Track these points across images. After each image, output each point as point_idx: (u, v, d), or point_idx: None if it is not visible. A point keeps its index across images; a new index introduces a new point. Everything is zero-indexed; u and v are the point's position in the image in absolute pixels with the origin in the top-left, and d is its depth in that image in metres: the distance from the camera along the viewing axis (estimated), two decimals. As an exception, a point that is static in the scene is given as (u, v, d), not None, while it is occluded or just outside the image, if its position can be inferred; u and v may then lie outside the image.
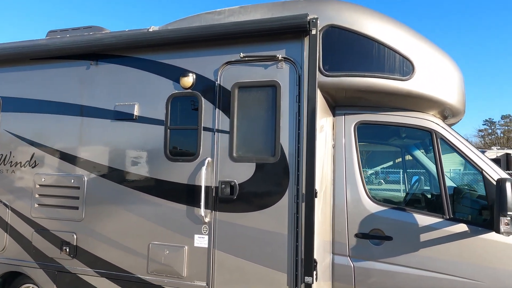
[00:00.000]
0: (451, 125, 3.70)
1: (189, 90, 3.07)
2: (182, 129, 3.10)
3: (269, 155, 2.84)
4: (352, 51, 2.83)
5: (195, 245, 2.94)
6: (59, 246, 3.30)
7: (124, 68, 3.29)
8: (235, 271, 2.84)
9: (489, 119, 47.04)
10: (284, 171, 2.79)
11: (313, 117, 2.73)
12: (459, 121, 3.64)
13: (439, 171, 2.83)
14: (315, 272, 2.66)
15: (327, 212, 2.96)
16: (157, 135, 3.12)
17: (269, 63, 2.89)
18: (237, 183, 2.88)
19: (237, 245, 2.85)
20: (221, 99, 2.99)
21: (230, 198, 2.88)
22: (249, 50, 2.94)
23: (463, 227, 2.71)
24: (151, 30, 3.27)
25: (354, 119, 3.08)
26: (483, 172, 2.77)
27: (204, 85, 3.05)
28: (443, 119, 3.23)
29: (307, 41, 2.81)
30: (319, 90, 2.82)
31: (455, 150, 2.87)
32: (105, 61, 3.37)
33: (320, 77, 2.82)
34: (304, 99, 2.78)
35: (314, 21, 2.78)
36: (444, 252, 2.71)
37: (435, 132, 2.91)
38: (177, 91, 3.11)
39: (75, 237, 3.27)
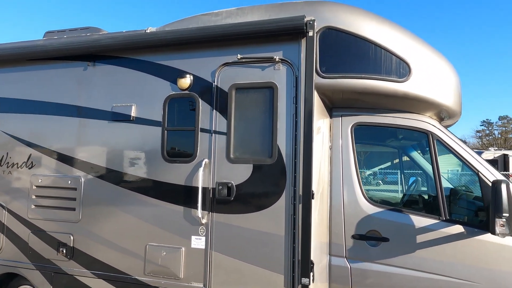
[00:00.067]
0: (448, 127, 3.72)
1: (187, 91, 3.07)
2: (179, 130, 3.10)
3: (266, 157, 2.84)
4: (349, 52, 2.84)
5: (192, 246, 2.94)
6: (55, 247, 3.30)
7: (121, 69, 3.29)
8: (232, 273, 2.85)
9: (486, 120, 47.25)
10: (281, 173, 2.79)
11: (310, 118, 2.74)
12: (455, 123, 3.66)
13: (436, 172, 2.84)
14: (312, 273, 2.66)
15: (324, 213, 2.96)
16: (154, 136, 3.12)
17: (266, 64, 2.90)
18: (234, 185, 2.88)
19: (234, 246, 2.85)
20: (219, 100, 2.99)
21: (227, 199, 2.89)
22: (247, 51, 2.94)
23: (459, 229, 2.72)
24: (148, 31, 3.27)
25: (351, 121, 3.09)
26: (479, 173, 2.79)
27: (201, 86, 3.05)
28: (439, 121, 3.24)
29: (304, 42, 2.82)
30: (316, 91, 2.83)
31: (451, 151, 2.88)
32: (102, 62, 3.36)
33: (317, 79, 2.82)
34: (301, 101, 2.78)
35: (311, 23, 2.79)
36: (440, 253, 2.72)
37: (432, 133, 2.92)
38: (174, 92, 3.11)
39: (72, 238, 3.26)
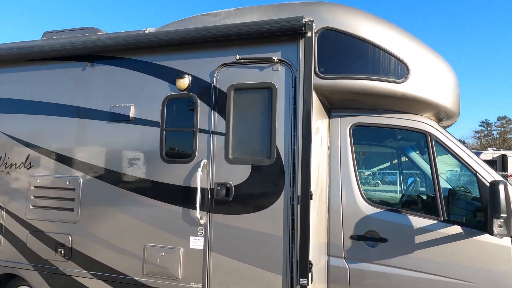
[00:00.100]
0: (446, 127, 3.72)
1: (185, 92, 3.07)
2: (178, 130, 3.10)
3: (264, 157, 2.84)
4: (347, 53, 2.84)
5: (191, 247, 2.94)
6: (54, 248, 3.29)
7: (120, 69, 3.29)
8: (230, 273, 2.85)
9: (485, 120, 47.28)
10: (279, 173, 2.79)
11: (308, 119, 2.74)
12: (454, 123, 3.67)
13: (434, 173, 2.85)
14: (310, 274, 2.66)
15: (323, 214, 2.96)
16: (153, 136, 3.12)
17: (265, 65, 2.90)
18: (233, 185, 2.88)
19: (232, 247, 2.85)
20: (217, 101, 2.99)
21: (225, 200, 2.89)
22: (245, 52, 2.94)
23: (457, 229, 2.73)
24: (147, 31, 3.27)
25: (349, 121, 3.09)
26: (477, 174, 2.79)
27: (200, 87, 3.05)
28: (438, 122, 3.25)
29: (302, 43, 2.82)
30: (315, 92, 2.83)
31: (449, 152, 2.89)
32: (101, 63, 3.36)
33: (315, 79, 2.83)
34: (299, 101, 2.79)
35: (309, 23, 2.79)
36: (438, 253, 2.73)
37: (430, 134, 2.93)
38: (173, 93, 3.11)
39: (70, 239, 3.26)
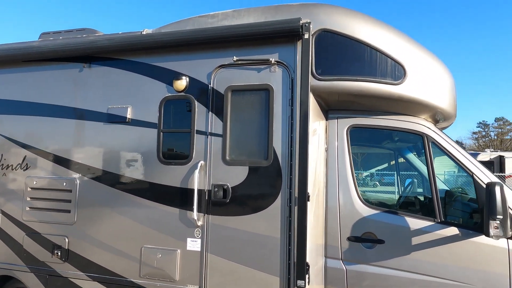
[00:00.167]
0: (443, 129, 3.73)
1: (182, 93, 3.07)
2: (175, 132, 3.10)
3: (262, 159, 2.84)
4: (344, 55, 2.85)
5: (188, 248, 2.93)
6: (50, 249, 3.28)
7: (117, 70, 3.29)
8: (227, 275, 2.84)
9: (483, 121, 47.41)
10: (276, 175, 2.79)
11: (305, 120, 2.75)
12: (451, 125, 3.68)
13: (431, 174, 2.85)
14: (307, 275, 2.66)
15: (320, 215, 2.96)
16: (150, 138, 3.12)
17: (262, 66, 2.90)
18: (230, 187, 2.88)
19: (229, 248, 2.85)
20: (214, 102, 2.99)
21: (223, 201, 2.88)
22: (242, 53, 2.94)
23: (454, 231, 2.73)
24: (144, 33, 3.27)
25: (346, 123, 3.10)
26: (474, 175, 2.80)
27: (197, 88, 3.05)
28: (434, 123, 3.26)
29: (299, 45, 2.82)
30: (312, 93, 2.83)
31: (446, 154, 2.89)
32: (98, 64, 3.35)
33: (312, 81, 2.83)
34: (296, 103, 2.79)
35: (306, 25, 2.79)
36: (435, 255, 2.73)
37: (427, 136, 2.93)
38: (170, 94, 3.10)
39: (67, 240, 3.25)
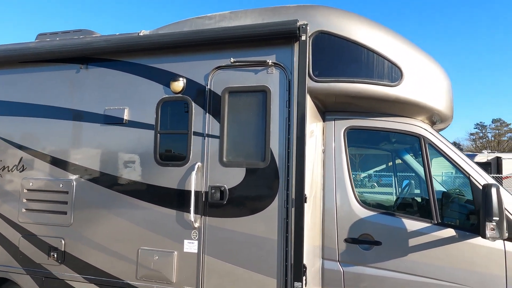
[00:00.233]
0: (440, 130, 3.74)
1: (180, 94, 3.07)
2: (172, 133, 3.09)
3: (259, 160, 2.84)
4: (341, 57, 2.85)
5: (185, 250, 2.92)
6: (46, 251, 3.26)
7: (114, 72, 3.28)
8: (224, 277, 2.83)
9: (480, 123, 47.70)
10: (274, 176, 2.79)
11: (303, 122, 2.75)
12: (447, 126, 3.69)
13: (427, 176, 2.86)
14: (304, 277, 2.65)
15: (317, 217, 2.96)
16: (147, 139, 3.11)
17: (260, 68, 2.90)
18: (227, 188, 2.87)
19: (226, 250, 2.84)
20: (212, 103, 2.99)
21: (220, 203, 2.88)
22: (240, 55, 2.94)
23: (450, 232, 2.74)
24: (141, 34, 3.26)
25: (344, 124, 3.10)
26: (470, 177, 2.81)
27: (194, 89, 3.05)
28: (431, 125, 3.27)
29: (297, 46, 2.82)
30: (309, 95, 2.84)
31: (443, 155, 2.90)
32: (95, 65, 3.35)
33: (309, 83, 2.83)
34: (294, 104, 2.79)
35: (304, 27, 2.80)
36: (432, 256, 2.73)
37: (423, 137, 2.94)
38: (167, 96, 3.10)
39: (63, 242, 3.23)
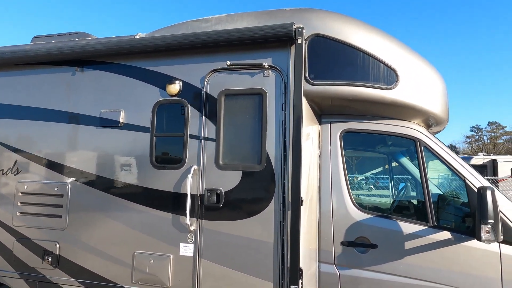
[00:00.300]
0: (436, 133, 3.76)
1: (176, 97, 3.06)
2: (168, 136, 3.08)
3: (255, 163, 2.84)
4: (337, 60, 2.86)
5: (181, 254, 2.91)
6: (41, 255, 3.23)
7: (110, 74, 3.27)
8: (220, 280, 2.82)
9: (476, 125, 47.97)
10: (270, 179, 2.79)
11: (299, 125, 2.75)
12: (443, 129, 3.70)
13: (423, 179, 2.86)
14: (300, 280, 2.65)
15: (313, 220, 2.96)
16: (143, 142, 3.10)
17: (256, 71, 2.91)
18: (223, 191, 2.86)
19: (222, 253, 2.83)
20: (208, 106, 2.99)
21: (216, 206, 2.87)
22: (236, 58, 2.95)
23: (446, 235, 2.74)
24: (137, 37, 3.26)
25: (340, 127, 3.11)
26: (466, 180, 2.82)
27: (190, 92, 3.04)
28: (427, 128, 3.28)
29: (293, 50, 2.83)
30: (305, 98, 2.84)
31: (438, 158, 2.91)
32: (91, 68, 3.34)
33: (306, 86, 2.84)
34: (290, 107, 2.79)
35: (300, 30, 2.81)
36: (428, 259, 2.73)
37: (419, 140, 2.95)
38: (163, 98, 3.09)
39: (58, 246, 3.20)
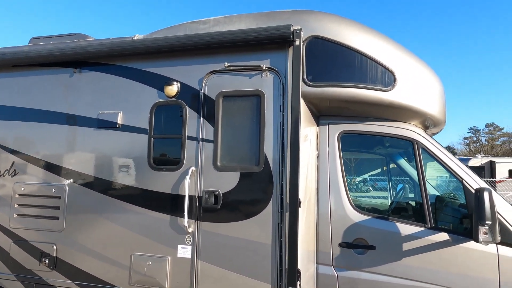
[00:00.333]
0: (433, 135, 3.77)
1: (174, 98, 3.06)
2: (166, 138, 3.08)
3: (253, 165, 2.83)
4: (335, 61, 2.87)
5: (178, 255, 2.90)
6: (38, 257, 3.21)
7: (108, 76, 3.26)
8: (218, 282, 2.81)
9: (474, 127, 48.10)
10: (268, 181, 2.78)
11: (297, 126, 2.75)
12: (440, 131, 3.71)
13: (421, 180, 2.87)
14: (298, 282, 2.64)
15: (311, 221, 2.96)
16: (140, 144, 3.09)
17: (254, 72, 2.91)
18: (221, 193, 2.86)
19: (220, 255, 2.82)
20: (206, 108, 2.99)
21: (214, 207, 2.86)
22: (234, 59, 2.95)
23: (444, 236, 2.74)
24: (135, 38, 3.26)
25: (338, 129, 3.11)
26: (463, 181, 2.82)
27: (188, 94, 3.04)
28: (424, 129, 3.29)
29: (291, 51, 2.84)
30: (303, 99, 2.84)
31: (436, 159, 2.92)
32: (88, 69, 3.33)
33: (303, 87, 2.84)
34: (288, 109, 2.79)
35: (297, 32, 2.81)
36: (426, 261, 2.73)
37: (417, 141, 2.95)
38: (161, 100, 3.09)
39: (55, 248, 3.19)
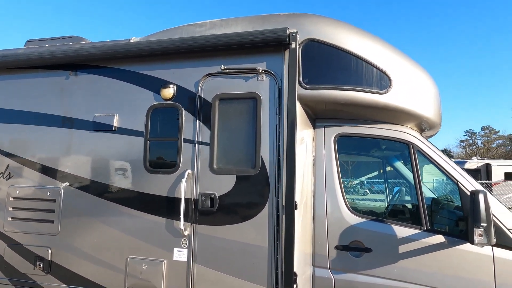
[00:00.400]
0: (429, 137, 3.78)
1: (170, 101, 3.06)
2: (162, 140, 3.07)
3: (249, 167, 2.83)
4: (331, 64, 2.88)
5: (174, 259, 2.89)
6: (32, 261, 3.19)
7: (104, 79, 3.26)
8: (215, 285, 2.80)
9: (470, 130, 48.46)
10: (264, 183, 2.78)
11: (293, 129, 2.75)
12: (436, 133, 3.73)
13: (417, 182, 2.88)
14: (295, 285, 2.64)
15: (308, 224, 2.96)
16: (136, 146, 3.08)
17: (250, 75, 2.92)
18: (217, 195, 2.85)
19: (217, 258, 2.81)
20: (202, 110, 2.99)
21: (210, 210, 2.86)
22: (230, 62, 2.95)
23: (440, 238, 2.75)
24: (132, 41, 3.26)
25: (334, 131, 3.12)
26: (458, 183, 2.84)
27: (185, 96, 3.04)
28: (420, 132, 3.30)
29: (287, 54, 2.85)
30: (299, 102, 2.85)
31: (431, 162, 2.93)
32: (84, 72, 3.32)
33: (300, 90, 2.85)
34: (284, 112, 2.80)
35: (293, 35, 2.82)
36: (422, 263, 2.74)
37: (412, 144, 2.97)
38: (157, 103, 3.09)
39: (50, 251, 3.16)
